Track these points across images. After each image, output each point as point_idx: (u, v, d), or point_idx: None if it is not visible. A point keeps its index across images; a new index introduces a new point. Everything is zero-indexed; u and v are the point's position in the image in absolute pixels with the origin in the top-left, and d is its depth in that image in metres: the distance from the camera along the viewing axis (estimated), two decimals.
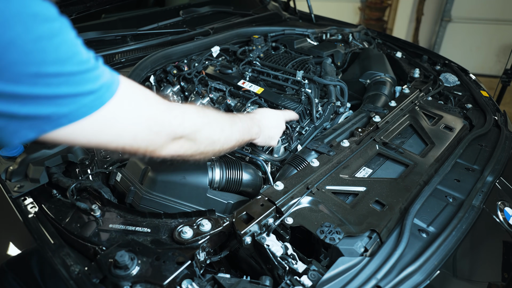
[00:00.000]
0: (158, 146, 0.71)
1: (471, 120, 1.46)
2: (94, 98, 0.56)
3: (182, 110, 0.75)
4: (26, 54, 0.48)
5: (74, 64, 0.53)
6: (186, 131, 0.75)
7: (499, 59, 5.19)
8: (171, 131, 0.72)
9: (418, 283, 0.81)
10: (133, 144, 0.67)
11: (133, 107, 0.64)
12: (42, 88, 0.50)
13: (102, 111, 0.58)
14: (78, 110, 0.55)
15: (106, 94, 0.59)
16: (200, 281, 0.79)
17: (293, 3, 2.70)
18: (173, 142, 0.74)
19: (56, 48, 0.51)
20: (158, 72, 1.77)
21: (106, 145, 0.64)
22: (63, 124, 0.55)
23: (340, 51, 1.96)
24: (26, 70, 0.48)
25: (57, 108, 0.53)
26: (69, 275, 0.74)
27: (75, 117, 0.55)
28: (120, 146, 0.65)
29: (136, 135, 0.66)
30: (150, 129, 0.68)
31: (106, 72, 0.60)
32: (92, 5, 1.94)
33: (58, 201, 0.95)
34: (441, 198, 1.04)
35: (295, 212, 0.94)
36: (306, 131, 1.42)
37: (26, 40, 0.47)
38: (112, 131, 0.62)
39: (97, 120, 0.58)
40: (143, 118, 0.66)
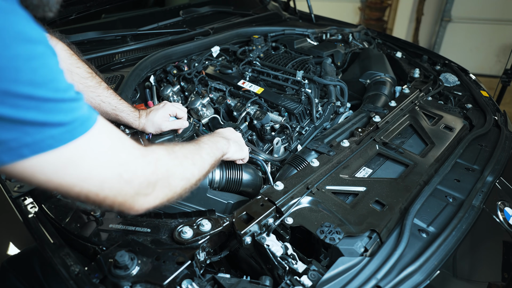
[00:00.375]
0: (128, 197, 0.63)
1: (471, 120, 1.46)
2: (64, 131, 0.51)
3: (155, 156, 0.69)
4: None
5: (49, 90, 0.49)
6: (160, 178, 0.68)
7: (499, 59, 5.19)
8: (144, 180, 0.64)
9: (418, 283, 0.81)
10: (99, 192, 0.59)
11: (105, 148, 0.58)
12: (8, 109, 0.45)
13: (70, 146, 0.52)
14: (44, 141, 0.49)
15: (78, 129, 0.53)
16: (200, 281, 0.79)
17: (293, 3, 2.70)
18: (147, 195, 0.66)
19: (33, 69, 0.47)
20: (158, 72, 1.77)
21: (68, 188, 0.56)
22: (24, 156, 0.49)
23: (340, 51, 1.96)
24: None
25: (21, 135, 0.47)
26: (69, 275, 0.74)
27: (39, 148, 0.49)
28: (84, 192, 0.57)
29: (103, 180, 0.58)
30: (121, 176, 0.60)
31: (84, 108, 0.55)
32: (92, 5, 1.94)
33: (58, 201, 0.95)
34: (441, 198, 1.04)
35: (295, 212, 0.94)
36: (306, 131, 1.42)
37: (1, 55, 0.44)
38: (78, 171, 0.55)
39: (63, 156, 0.52)
40: (115, 163, 0.59)
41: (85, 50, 1.67)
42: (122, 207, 0.64)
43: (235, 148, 1.07)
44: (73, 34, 1.73)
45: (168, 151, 0.74)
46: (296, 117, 1.43)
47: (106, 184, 0.59)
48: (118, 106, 1.15)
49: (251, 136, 1.37)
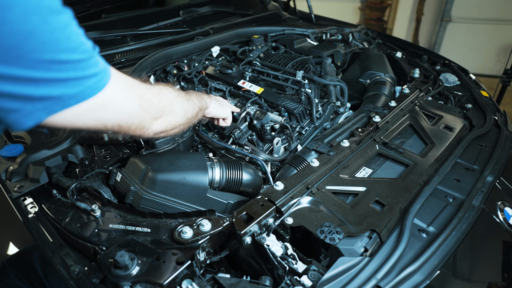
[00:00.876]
0: (147, 122, 0.79)
1: (471, 120, 1.46)
2: (96, 80, 0.63)
3: (158, 88, 0.84)
4: (42, 44, 0.54)
5: (81, 52, 0.60)
6: (165, 105, 0.84)
7: (499, 59, 5.19)
8: (154, 107, 0.80)
9: (418, 283, 0.81)
10: (128, 121, 0.74)
11: (126, 88, 0.73)
12: (55, 73, 0.57)
13: (104, 92, 0.65)
14: (84, 91, 0.62)
15: (105, 77, 0.66)
16: (200, 281, 0.79)
17: (293, 3, 2.70)
18: (157, 119, 0.82)
19: (67, 38, 0.57)
20: (158, 72, 1.77)
21: (106, 123, 0.70)
22: (71, 104, 0.61)
23: (340, 51, 1.96)
24: (42, 57, 0.54)
25: (67, 90, 0.59)
26: (69, 275, 0.74)
27: (82, 97, 0.62)
28: (117, 123, 0.72)
29: (131, 112, 0.74)
30: (141, 106, 0.76)
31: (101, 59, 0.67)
32: (92, 5, 1.94)
33: (58, 201, 0.95)
34: (441, 198, 1.04)
35: (295, 212, 0.94)
36: (306, 131, 1.42)
37: (43, 31, 0.53)
38: (112, 109, 0.69)
39: (100, 100, 0.65)
40: (135, 96, 0.74)
41: None
42: (142, 131, 0.79)
43: (215, 104, 1.19)
44: None
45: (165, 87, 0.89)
46: (296, 117, 1.43)
47: (133, 114, 0.74)
48: None
49: (251, 136, 1.37)
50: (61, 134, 1.13)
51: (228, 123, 1.31)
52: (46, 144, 1.07)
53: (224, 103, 1.27)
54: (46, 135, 1.13)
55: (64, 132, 1.13)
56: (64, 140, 1.10)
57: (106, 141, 1.19)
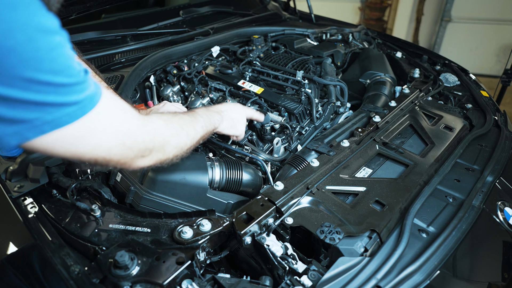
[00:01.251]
0: (129, 159, 0.73)
1: (471, 120, 1.46)
2: (77, 108, 0.59)
3: (154, 126, 0.78)
4: (23, 61, 0.51)
5: (66, 76, 0.56)
6: (156, 145, 0.78)
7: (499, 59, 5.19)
8: (143, 146, 0.74)
9: (418, 283, 0.81)
10: (106, 157, 0.69)
11: (111, 120, 0.67)
12: (32, 94, 0.53)
13: (82, 120, 0.61)
14: (61, 118, 0.57)
15: (89, 105, 0.61)
16: (200, 281, 0.79)
17: (293, 3, 2.69)
18: (144, 157, 0.76)
19: (52, 60, 0.54)
20: (158, 72, 1.77)
21: (82, 155, 0.65)
22: (45, 131, 0.57)
23: (340, 51, 1.96)
24: (21, 75, 0.51)
25: (42, 114, 0.55)
26: (69, 275, 0.74)
27: (57, 124, 0.57)
28: (94, 157, 0.67)
29: (111, 148, 0.68)
30: (124, 144, 0.70)
31: (92, 85, 0.62)
32: (92, 5, 1.94)
33: (58, 201, 0.95)
34: (441, 198, 1.04)
35: (295, 212, 0.94)
36: (306, 131, 1.42)
37: (26, 48, 0.50)
38: (90, 141, 0.64)
39: (77, 130, 0.61)
40: (120, 132, 0.69)
41: (85, 50, 1.67)
42: (122, 166, 0.74)
43: (227, 124, 1.13)
44: (73, 34, 1.73)
45: (166, 122, 0.83)
46: (296, 117, 1.43)
47: (112, 151, 0.69)
48: None
49: (251, 136, 1.37)
50: None
51: (240, 139, 1.24)
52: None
53: (237, 121, 1.18)
54: None
55: None
56: None
57: None
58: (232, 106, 1.19)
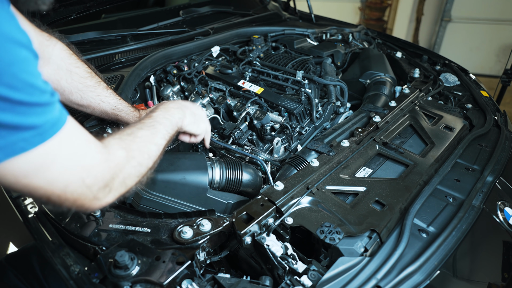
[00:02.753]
0: (87, 201, 0.65)
1: (471, 120, 1.46)
2: (35, 133, 0.52)
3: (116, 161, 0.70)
4: None
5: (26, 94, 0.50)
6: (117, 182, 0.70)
7: (499, 59, 5.19)
8: (103, 184, 0.66)
9: (418, 283, 0.81)
10: (62, 195, 0.60)
11: (72, 151, 0.60)
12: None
13: (40, 149, 0.53)
14: (16, 144, 0.50)
15: (49, 131, 0.55)
16: (200, 281, 0.79)
17: (293, 3, 2.69)
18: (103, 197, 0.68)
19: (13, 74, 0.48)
20: (158, 72, 1.77)
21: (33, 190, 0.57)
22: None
23: (340, 51, 1.96)
24: None
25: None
26: (69, 275, 0.74)
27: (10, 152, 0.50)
28: (47, 194, 0.59)
29: (67, 184, 0.60)
30: (83, 181, 0.62)
31: (56, 109, 0.56)
32: (92, 5, 1.94)
33: None
34: (441, 198, 1.04)
35: (295, 212, 0.94)
36: (306, 131, 1.42)
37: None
38: (45, 174, 0.56)
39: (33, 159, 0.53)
40: (79, 167, 0.61)
41: (85, 50, 1.67)
42: (79, 208, 0.65)
43: (190, 119, 1.03)
44: (73, 34, 1.73)
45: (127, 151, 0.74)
46: (296, 117, 1.43)
47: (69, 188, 0.60)
48: (117, 106, 1.15)
49: (251, 136, 1.37)
50: None
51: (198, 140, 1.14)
52: None
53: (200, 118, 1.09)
54: None
55: None
56: None
57: None
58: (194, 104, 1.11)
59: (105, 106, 1.13)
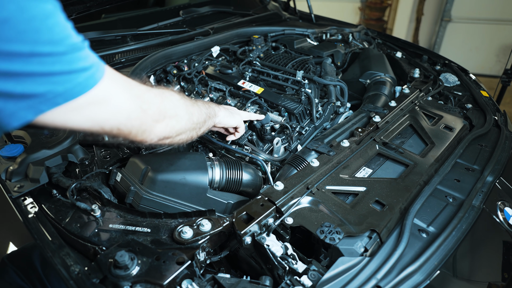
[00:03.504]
0: (148, 125, 0.73)
1: (471, 120, 1.46)
2: (87, 76, 0.58)
3: (159, 90, 0.79)
4: (20, 33, 0.48)
5: (66, 45, 0.55)
6: (167, 107, 0.79)
7: (499, 59, 5.19)
8: (156, 108, 0.75)
9: (418, 283, 0.81)
10: (127, 124, 0.68)
11: (123, 86, 0.67)
12: (37, 66, 0.51)
13: (96, 89, 0.60)
14: (73, 88, 0.56)
15: (98, 72, 0.60)
16: (200, 281, 0.79)
17: (293, 3, 2.70)
18: (159, 122, 0.76)
19: (49, 29, 0.52)
20: (158, 72, 1.77)
21: (103, 125, 0.64)
22: (59, 103, 0.55)
23: (340, 51, 1.96)
24: (20, 49, 0.49)
25: (53, 86, 0.54)
26: (69, 275, 0.74)
27: (71, 95, 0.56)
28: (115, 126, 0.67)
29: (129, 113, 0.68)
30: (140, 107, 0.70)
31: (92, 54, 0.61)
32: (92, 5, 1.94)
33: (58, 201, 0.95)
34: (441, 198, 1.04)
35: (295, 212, 0.94)
36: (306, 131, 1.42)
37: (20, 19, 0.48)
38: (108, 109, 0.63)
39: (93, 98, 0.59)
40: (133, 97, 0.69)
41: None
42: (144, 135, 0.74)
43: (224, 112, 1.13)
44: None
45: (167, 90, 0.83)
46: (296, 117, 1.43)
47: (132, 115, 0.69)
48: None
49: (251, 136, 1.37)
50: (61, 134, 1.13)
51: (239, 135, 1.26)
52: (46, 144, 1.07)
53: (234, 111, 1.20)
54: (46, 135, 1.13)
55: (64, 132, 1.13)
56: (64, 140, 1.09)
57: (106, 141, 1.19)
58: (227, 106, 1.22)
59: None
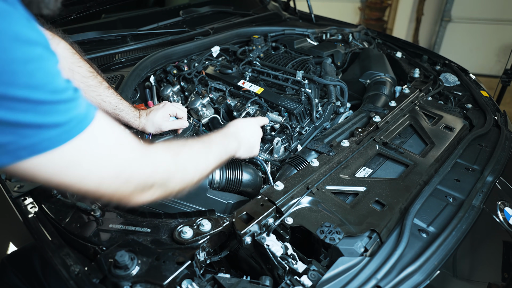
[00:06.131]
0: (125, 195, 0.65)
1: (471, 120, 1.46)
2: (60, 131, 0.51)
3: (155, 158, 0.69)
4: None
5: (46, 92, 0.49)
6: (157, 180, 0.69)
7: (499, 59, 5.19)
8: (141, 181, 0.66)
9: (418, 283, 0.81)
10: (97, 191, 0.60)
11: (103, 148, 0.58)
12: (4, 112, 0.46)
13: (68, 146, 0.53)
14: (41, 143, 0.50)
15: (75, 129, 0.53)
16: (200, 281, 0.79)
17: (293, 3, 2.70)
18: (143, 192, 0.67)
19: (29, 73, 0.47)
20: (158, 72, 1.77)
21: (68, 186, 0.57)
22: (22, 157, 0.50)
23: (340, 51, 1.96)
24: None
25: (17, 138, 0.48)
26: (69, 275, 0.74)
27: (36, 150, 0.50)
28: (83, 190, 0.59)
29: (101, 181, 0.60)
30: (117, 177, 0.61)
31: (82, 106, 0.55)
32: (92, 5, 1.94)
33: (58, 201, 0.95)
34: (441, 198, 1.04)
35: (295, 212, 0.94)
36: (306, 131, 1.42)
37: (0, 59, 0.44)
38: (76, 171, 0.56)
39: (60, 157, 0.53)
40: (112, 162, 0.60)
41: (85, 50, 1.67)
42: (119, 202, 0.66)
43: (244, 150, 1.06)
44: (73, 34, 1.73)
45: (171, 154, 0.73)
46: (296, 117, 1.43)
47: (104, 183, 0.60)
48: (118, 106, 1.15)
49: None
50: None
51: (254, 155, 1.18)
52: None
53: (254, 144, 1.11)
54: None
55: None
56: None
57: None
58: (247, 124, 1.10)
59: (106, 106, 1.13)
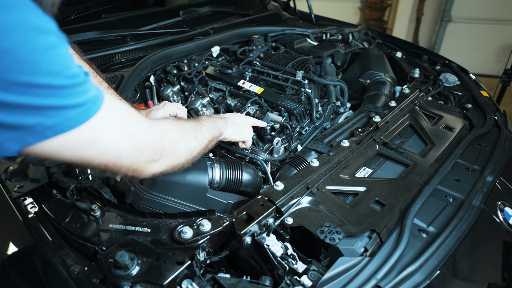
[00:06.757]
0: (141, 164, 0.71)
1: (471, 120, 1.46)
2: (80, 111, 0.57)
3: (161, 128, 0.77)
4: (19, 63, 0.48)
5: (65, 77, 0.54)
6: (166, 148, 0.76)
7: (499, 59, 5.19)
8: (153, 149, 0.72)
9: (418, 283, 0.81)
10: (117, 162, 0.66)
11: (118, 123, 0.65)
12: (31, 98, 0.51)
13: (88, 125, 0.58)
14: (64, 122, 0.55)
15: (92, 108, 0.59)
16: (200, 281, 0.79)
17: (293, 3, 2.70)
18: (154, 162, 0.74)
19: (50, 60, 0.52)
20: (158, 72, 1.77)
21: (90, 161, 0.63)
22: (48, 137, 0.55)
23: (340, 51, 1.96)
24: (17, 79, 0.49)
25: (43, 119, 0.53)
26: (69, 275, 0.74)
27: (60, 129, 0.55)
28: (104, 162, 0.65)
29: (121, 152, 0.66)
30: (134, 147, 0.68)
31: (93, 88, 0.60)
32: (92, 5, 1.94)
33: (58, 201, 0.95)
34: (441, 198, 1.04)
35: (295, 212, 0.94)
36: (306, 131, 1.42)
37: (21, 49, 0.48)
38: (97, 146, 0.62)
39: (82, 134, 0.58)
40: (128, 135, 0.67)
41: (85, 50, 1.67)
42: (135, 173, 0.72)
43: (232, 128, 1.12)
44: (73, 34, 1.73)
45: (172, 125, 0.82)
46: (296, 117, 1.43)
47: (123, 155, 0.67)
48: None
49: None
50: None
51: (248, 145, 1.25)
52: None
53: (242, 125, 1.19)
54: None
55: None
56: None
57: None
58: (234, 114, 1.21)
59: None
